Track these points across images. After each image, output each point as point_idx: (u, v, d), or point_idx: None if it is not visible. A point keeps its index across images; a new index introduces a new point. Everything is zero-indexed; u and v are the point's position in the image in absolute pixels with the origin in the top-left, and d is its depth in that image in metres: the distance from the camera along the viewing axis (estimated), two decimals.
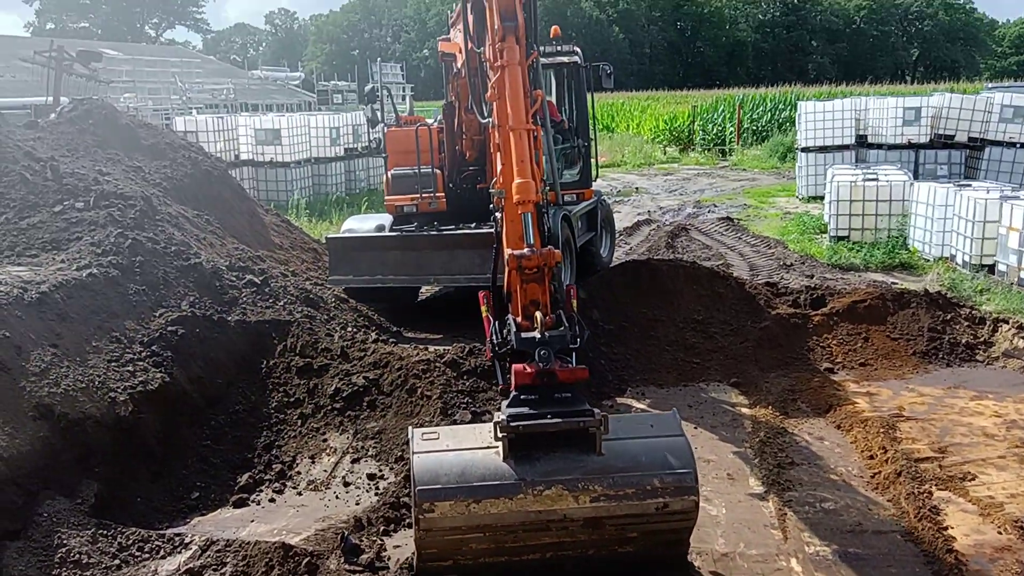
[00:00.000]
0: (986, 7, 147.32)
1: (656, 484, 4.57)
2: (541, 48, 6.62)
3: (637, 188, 23.45)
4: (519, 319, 5.05)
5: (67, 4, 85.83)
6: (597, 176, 11.09)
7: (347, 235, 10.08)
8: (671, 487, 4.58)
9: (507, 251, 5.19)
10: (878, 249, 13.07)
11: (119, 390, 6.39)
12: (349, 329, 8.45)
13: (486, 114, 5.80)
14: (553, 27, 10.84)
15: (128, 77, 32.07)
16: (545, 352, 4.76)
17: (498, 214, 5.61)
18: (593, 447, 4.62)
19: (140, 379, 6.63)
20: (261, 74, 50.97)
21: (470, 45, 6.11)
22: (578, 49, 10.68)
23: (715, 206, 19.61)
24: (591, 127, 10.63)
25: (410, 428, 5.01)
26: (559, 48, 10.60)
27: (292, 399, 7.31)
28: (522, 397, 4.73)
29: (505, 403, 4.80)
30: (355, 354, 7.71)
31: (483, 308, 5.63)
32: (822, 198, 16.87)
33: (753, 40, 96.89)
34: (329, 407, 7.20)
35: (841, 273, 12.33)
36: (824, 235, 14.79)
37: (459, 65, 8.25)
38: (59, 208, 8.36)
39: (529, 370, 4.74)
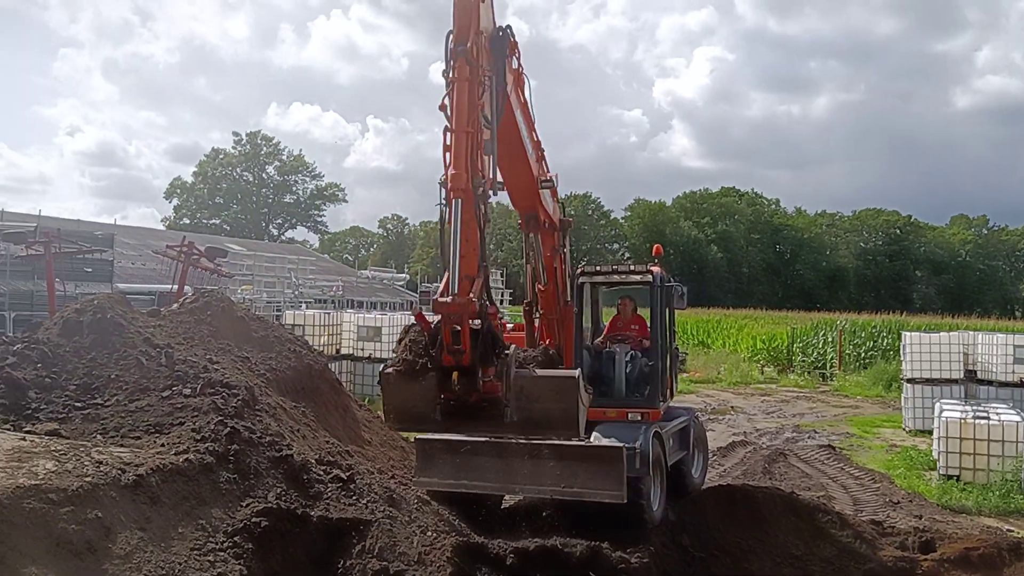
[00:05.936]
0: None
1: None
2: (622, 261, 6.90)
3: (733, 407, 22.99)
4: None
5: (202, 203, 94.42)
6: (673, 395, 10.73)
7: (436, 437, 10.09)
8: None
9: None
10: (992, 492, 12.23)
11: None
12: (429, 533, 8.26)
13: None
14: (656, 245, 11.07)
15: (248, 271, 34.46)
16: None
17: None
18: None
19: (219, 570, 6.57)
20: (369, 274, 53.73)
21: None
22: (655, 269, 10.41)
23: (815, 432, 18.94)
24: (665, 344, 10.29)
25: None
26: (633, 267, 10.61)
27: None
28: None
29: None
30: (432, 560, 7.50)
31: None
32: (930, 432, 16.12)
33: (855, 267, 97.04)
34: None
35: (952, 515, 11.51)
36: (933, 472, 14.00)
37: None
38: (167, 393, 8.70)
39: None
